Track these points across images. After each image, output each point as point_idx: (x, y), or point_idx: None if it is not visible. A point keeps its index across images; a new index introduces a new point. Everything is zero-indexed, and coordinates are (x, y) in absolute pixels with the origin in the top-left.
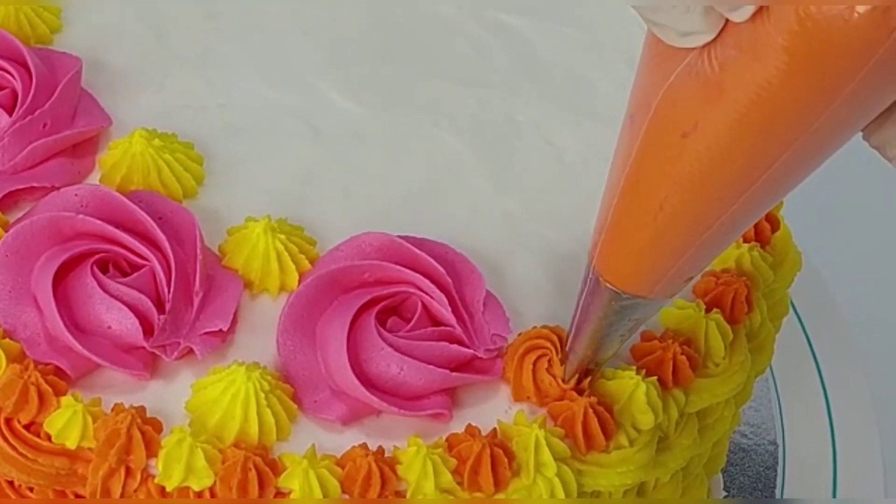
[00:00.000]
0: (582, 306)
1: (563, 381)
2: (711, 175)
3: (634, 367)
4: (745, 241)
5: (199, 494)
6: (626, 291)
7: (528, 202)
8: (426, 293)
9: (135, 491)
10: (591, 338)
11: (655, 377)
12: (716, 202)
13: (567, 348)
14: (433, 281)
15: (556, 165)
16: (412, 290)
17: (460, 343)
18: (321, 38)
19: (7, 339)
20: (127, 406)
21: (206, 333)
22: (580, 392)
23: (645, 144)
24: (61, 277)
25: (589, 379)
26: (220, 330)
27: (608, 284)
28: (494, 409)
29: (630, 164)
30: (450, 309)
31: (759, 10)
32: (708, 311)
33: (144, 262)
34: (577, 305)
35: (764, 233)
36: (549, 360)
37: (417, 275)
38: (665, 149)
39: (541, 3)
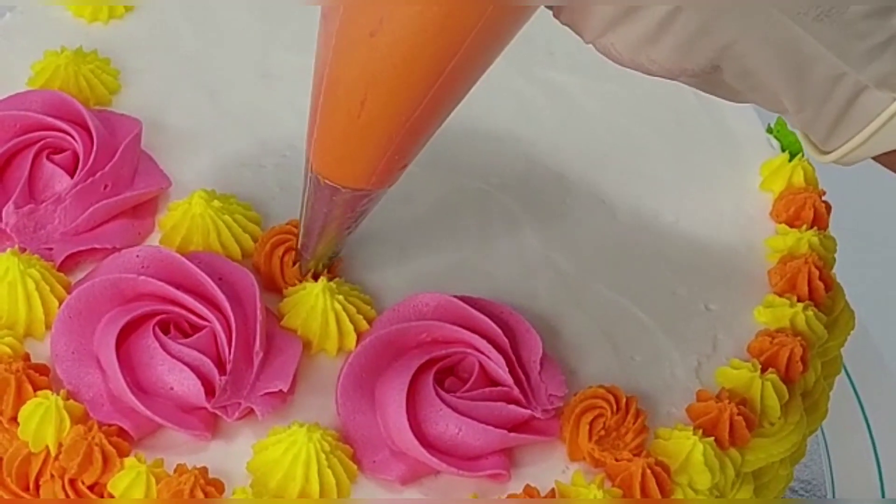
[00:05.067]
0: (307, 206)
1: (302, 276)
2: (402, 72)
3: (691, 428)
4: (800, 300)
5: None
6: (345, 186)
7: (581, 260)
8: (483, 353)
9: None
10: (322, 234)
11: (712, 437)
12: (411, 98)
13: (300, 246)
14: (490, 341)
15: (608, 223)
16: (469, 350)
17: (518, 403)
18: None
19: (71, 401)
20: (189, 467)
21: (266, 394)
22: (637, 453)
23: (338, 45)
24: (123, 338)
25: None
26: (281, 390)
27: (327, 181)
28: (552, 469)
29: (328, 65)
30: (507, 369)
31: None
32: (763, 371)
33: (205, 323)
34: (302, 205)
35: (818, 292)
36: (605, 422)
37: (474, 335)
38: (357, 48)
39: (587, 60)
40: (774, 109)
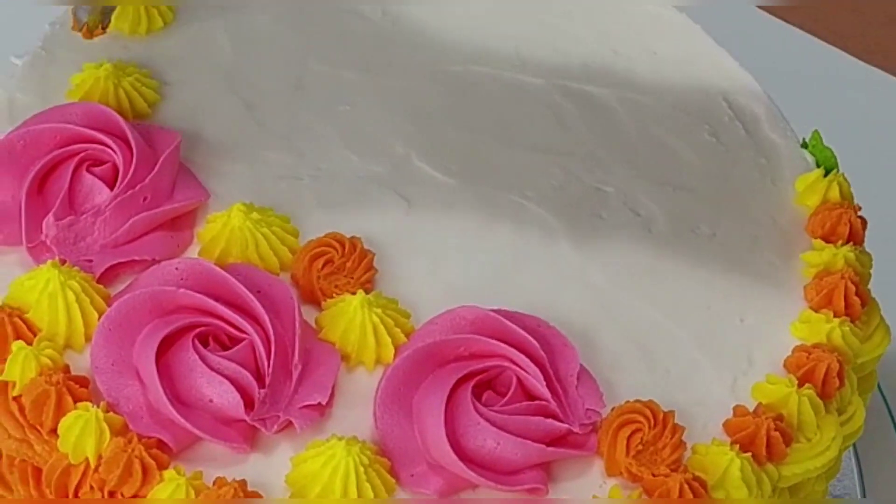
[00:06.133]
0: None
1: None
2: None
3: (728, 443)
4: (836, 315)
5: None
6: None
7: (616, 273)
8: (521, 367)
9: None
10: None
11: (749, 453)
12: None
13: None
14: (527, 355)
15: (643, 235)
16: (507, 364)
17: (555, 417)
18: (407, 108)
19: (111, 413)
20: (228, 479)
21: (304, 407)
22: (675, 468)
23: None
24: (163, 351)
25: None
26: (319, 403)
27: None
28: (589, 484)
29: None
30: (544, 383)
31: None
32: (800, 386)
33: (244, 336)
34: None
35: (854, 308)
36: (642, 437)
37: (512, 349)
38: None
39: (622, 73)
40: None
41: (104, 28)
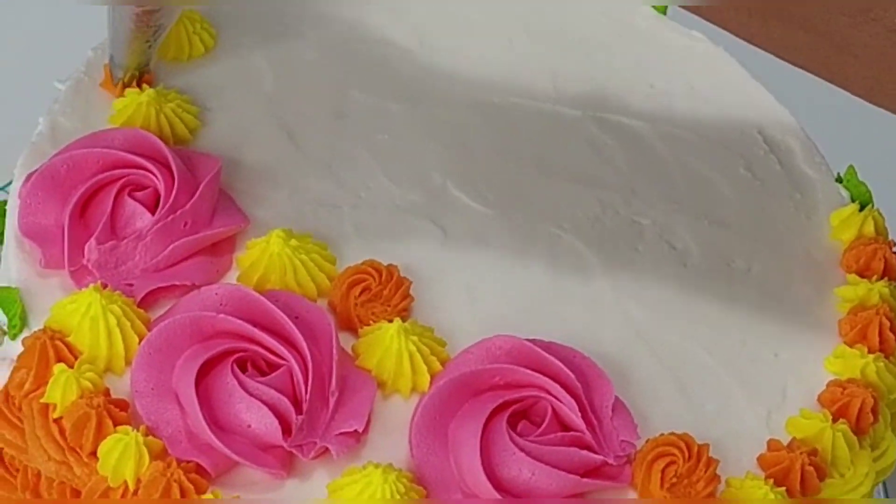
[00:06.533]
0: (110, 24)
1: (114, 85)
2: None
3: (762, 477)
4: (870, 351)
5: None
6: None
7: (651, 305)
8: (556, 398)
9: None
10: (128, 48)
11: (783, 487)
12: None
13: (109, 64)
14: (563, 385)
15: (678, 269)
16: (542, 394)
17: (590, 449)
18: (445, 138)
19: (150, 437)
20: None
21: (341, 433)
22: (709, 501)
23: None
24: (202, 376)
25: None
26: (355, 430)
27: None
28: None
29: None
30: (579, 414)
31: None
32: (834, 421)
33: (282, 362)
34: (109, 24)
35: (888, 343)
36: (677, 469)
37: (547, 379)
38: None
39: (659, 106)
40: None
41: (139, 85)
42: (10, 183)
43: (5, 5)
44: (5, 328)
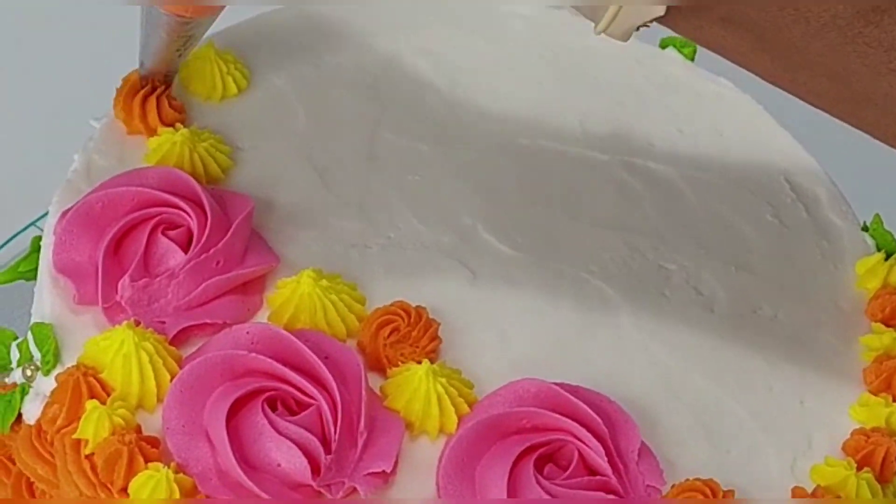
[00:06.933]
0: (144, 36)
1: (141, 85)
2: None
3: None
4: (895, 400)
5: None
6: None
7: (678, 351)
8: (583, 442)
9: None
10: (158, 56)
11: None
12: None
13: (141, 71)
14: (589, 430)
15: (705, 315)
16: (569, 438)
17: (616, 493)
18: (475, 180)
19: (181, 474)
20: None
21: (369, 474)
22: None
23: None
24: (233, 414)
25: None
26: (383, 471)
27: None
28: None
29: None
30: (605, 458)
31: None
32: (859, 469)
33: (312, 401)
34: (141, 28)
35: None
36: None
37: (574, 423)
38: None
39: (687, 151)
40: None
41: (167, 86)
42: (43, 216)
43: (45, 43)
44: (39, 364)
